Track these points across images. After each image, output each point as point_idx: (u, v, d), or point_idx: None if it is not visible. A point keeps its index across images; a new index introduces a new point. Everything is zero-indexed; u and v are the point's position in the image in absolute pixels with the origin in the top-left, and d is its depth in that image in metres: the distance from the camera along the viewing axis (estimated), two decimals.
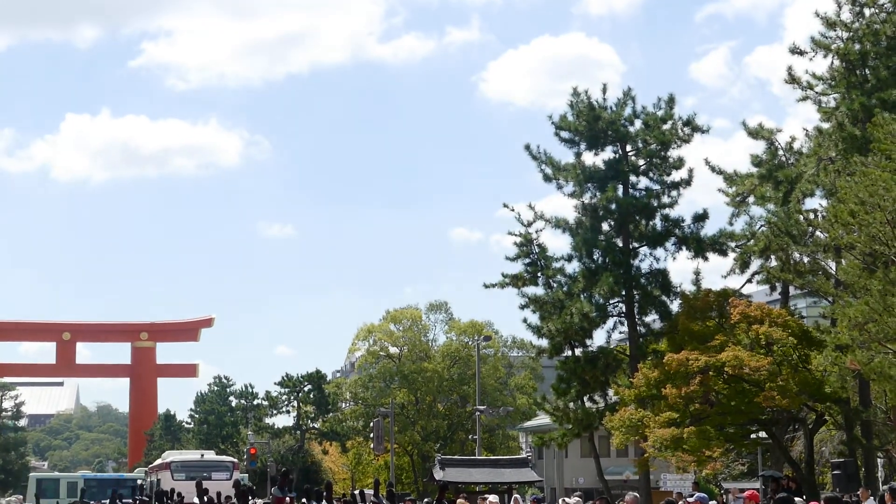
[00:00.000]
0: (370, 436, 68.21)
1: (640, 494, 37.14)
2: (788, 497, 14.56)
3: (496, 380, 79.18)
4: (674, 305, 44.42)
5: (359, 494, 27.53)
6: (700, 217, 45.20)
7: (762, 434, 40.92)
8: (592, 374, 45.02)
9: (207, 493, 30.64)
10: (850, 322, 30.82)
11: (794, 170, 41.32)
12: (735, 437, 39.30)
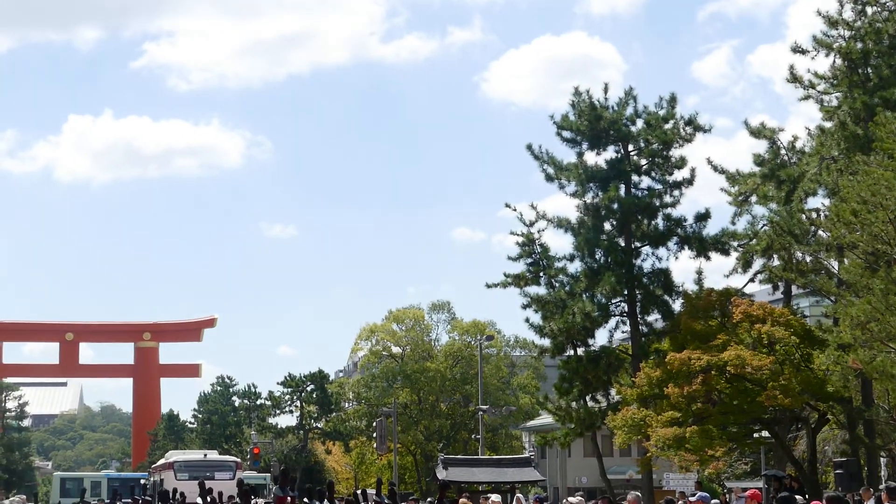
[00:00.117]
0: (373, 435, 68.22)
1: (643, 494, 37.19)
2: (790, 496, 14.57)
3: (499, 379, 79.21)
4: (676, 305, 44.43)
5: (361, 494, 27.54)
6: (702, 216, 45.18)
7: (765, 433, 40.87)
8: (595, 374, 45.03)
9: (211, 493, 30.67)
10: (853, 321, 30.84)
11: (797, 169, 41.32)
12: (737, 437, 39.24)
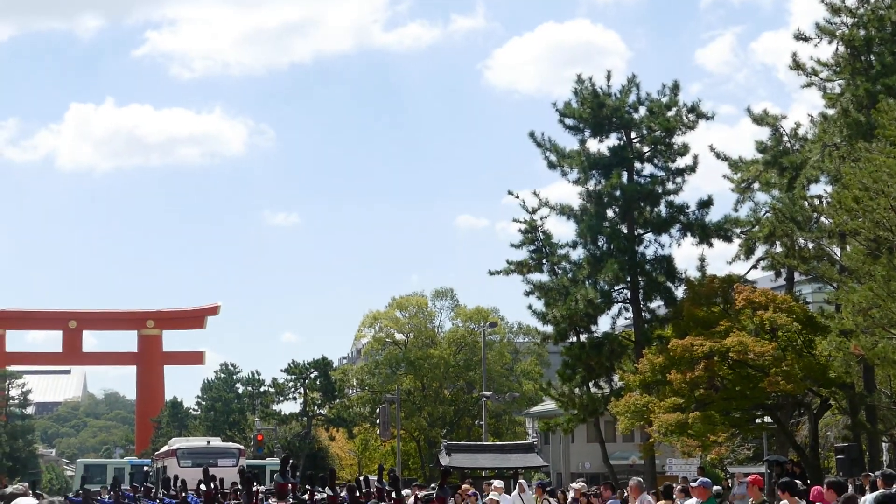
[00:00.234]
0: (377, 422, 68.34)
1: (646, 479, 37.26)
2: (791, 481, 14.65)
3: (502, 366, 79.31)
4: (678, 291, 44.59)
5: (363, 480, 27.64)
6: (705, 203, 45.29)
7: (767, 419, 41.03)
8: (598, 360, 45.19)
9: (214, 480, 30.76)
10: (855, 307, 30.97)
11: (799, 156, 41.36)
12: (740, 422, 39.40)
